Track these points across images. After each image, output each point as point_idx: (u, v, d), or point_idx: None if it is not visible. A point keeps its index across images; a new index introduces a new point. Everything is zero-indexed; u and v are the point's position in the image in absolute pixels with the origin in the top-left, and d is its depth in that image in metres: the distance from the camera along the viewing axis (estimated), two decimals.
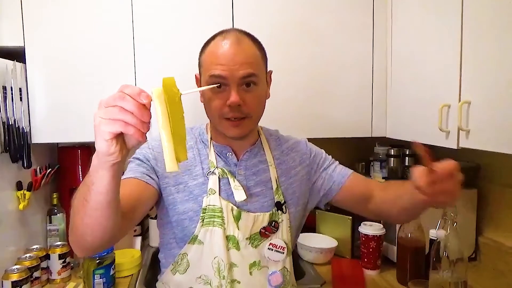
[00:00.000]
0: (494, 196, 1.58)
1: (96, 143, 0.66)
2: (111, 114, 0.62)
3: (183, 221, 1.01)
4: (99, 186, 0.70)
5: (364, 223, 1.55)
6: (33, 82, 1.48)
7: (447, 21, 1.26)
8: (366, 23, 1.64)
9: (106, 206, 0.72)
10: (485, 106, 1.11)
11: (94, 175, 0.70)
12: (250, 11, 1.55)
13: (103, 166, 0.68)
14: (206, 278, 0.98)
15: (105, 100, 0.63)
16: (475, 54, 1.15)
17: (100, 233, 0.76)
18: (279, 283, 1.02)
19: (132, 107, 0.61)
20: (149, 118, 0.63)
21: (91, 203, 0.72)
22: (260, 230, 1.02)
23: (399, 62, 1.59)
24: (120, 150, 0.66)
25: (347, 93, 1.65)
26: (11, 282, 1.23)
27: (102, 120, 0.63)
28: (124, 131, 0.63)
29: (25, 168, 1.42)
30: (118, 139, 0.66)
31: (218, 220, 0.99)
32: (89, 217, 0.74)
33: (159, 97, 0.63)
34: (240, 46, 0.95)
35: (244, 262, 1.00)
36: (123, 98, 0.62)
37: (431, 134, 1.34)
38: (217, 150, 1.06)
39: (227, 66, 0.93)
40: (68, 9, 1.48)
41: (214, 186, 1.01)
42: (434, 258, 1.20)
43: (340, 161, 1.29)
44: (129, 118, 0.62)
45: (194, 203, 1.00)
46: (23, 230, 1.48)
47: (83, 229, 0.76)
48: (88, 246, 0.80)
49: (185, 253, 1.01)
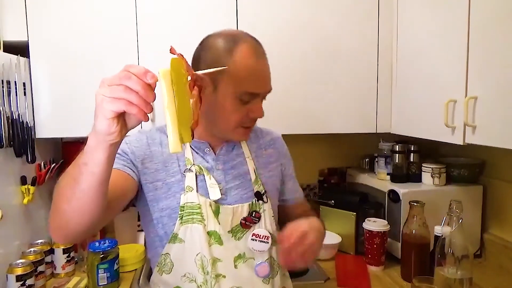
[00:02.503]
0: (500, 193, 1.57)
1: (96, 122, 0.64)
2: (115, 92, 0.61)
3: (163, 218, 1.00)
4: (93, 166, 0.68)
5: (368, 219, 1.55)
6: (37, 77, 1.48)
7: (454, 15, 1.24)
8: (371, 18, 1.63)
9: (97, 188, 0.71)
10: (492, 102, 1.10)
11: (88, 155, 0.68)
12: (254, 5, 1.54)
13: (101, 146, 0.66)
14: (191, 276, 0.97)
15: (109, 78, 0.62)
16: (482, 48, 1.14)
17: (85, 218, 0.75)
18: (266, 273, 1.01)
19: (137, 86, 0.60)
20: (153, 98, 0.62)
21: (82, 185, 0.70)
22: (240, 222, 1.02)
23: (404, 57, 1.58)
24: (120, 130, 0.65)
25: (352, 89, 1.64)
26: (16, 276, 1.24)
27: (105, 98, 0.62)
28: (127, 111, 0.62)
29: (29, 162, 1.42)
30: (119, 118, 0.65)
31: (198, 217, 0.98)
32: (77, 200, 0.72)
33: (165, 77, 0.62)
34: (266, 61, 0.99)
35: (228, 256, 1.00)
36: (128, 77, 0.61)
37: (436, 130, 1.33)
38: (195, 146, 1.05)
39: (263, 83, 0.97)
40: (71, 4, 1.47)
41: (191, 183, 1.00)
42: (439, 254, 1.20)
43: (345, 156, 1.29)
44: (134, 97, 0.61)
45: (172, 200, 1.00)
46: (28, 224, 1.48)
47: (68, 213, 0.75)
48: (71, 232, 0.78)
49: (167, 253, 1.00)
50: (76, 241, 0.80)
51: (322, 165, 2.02)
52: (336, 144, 2.03)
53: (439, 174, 1.58)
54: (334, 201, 1.71)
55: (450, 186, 1.61)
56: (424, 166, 1.63)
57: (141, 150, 1.01)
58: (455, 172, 1.64)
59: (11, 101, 1.34)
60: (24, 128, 1.40)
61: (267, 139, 1.17)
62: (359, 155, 1.98)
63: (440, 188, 1.59)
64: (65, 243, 0.84)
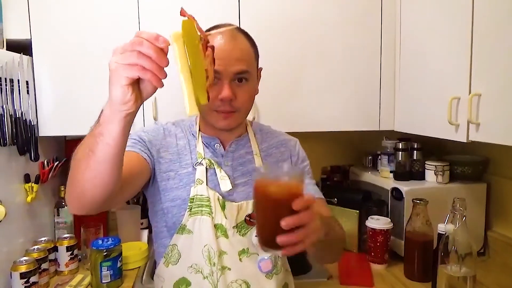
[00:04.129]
0: (504, 190, 1.56)
1: (111, 91, 0.65)
2: (129, 58, 0.61)
3: (172, 208, 1.03)
4: (108, 137, 0.69)
5: (372, 217, 1.55)
6: (40, 75, 1.48)
7: (457, 11, 1.24)
8: (374, 15, 1.62)
9: (112, 159, 0.72)
10: (496, 99, 1.10)
11: (104, 125, 0.69)
12: (256, 1, 1.54)
13: (116, 117, 0.67)
14: (197, 267, 0.99)
15: (122, 46, 0.62)
16: (486, 45, 1.13)
17: (101, 189, 0.75)
18: (269, 269, 1.02)
19: (150, 51, 0.61)
20: (166, 63, 0.63)
21: (97, 155, 0.71)
22: (245, 218, 1.03)
23: (407, 54, 1.57)
24: (135, 99, 0.66)
25: (355, 86, 1.64)
26: (20, 274, 1.24)
27: (118, 65, 0.62)
28: (141, 76, 0.62)
29: (33, 161, 1.43)
30: (134, 87, 0.65)
31: (206, 209, 1.00)
32: (92, 171, 0.73)
33: (177, 40, 0.62)
34: (235, 43, 0.97)
35: (233, 249, 1.01)
36: (140, 43, 0.61)
37: (440, 127, 1.32)
38: (205, 141, 1.07)
39: (222, 61, 0.94)
40: (74, 2, 1.48)
41: (201, 176, 1.02)
42: (443, 252, 1.19)
43: (348, 154, 1.28)
44: (147, 63, 0.61)
45: (183, 191, 1.02)
46: (31, 222, 1.49)
47: (84, 183, 0.75)
48: (87, 203, 0.79)
49: (174, 244, 1.02)
50: (91, 212, 0.82)
51: (325, 163, 2.02)
52: (339, 142, 2.03)
53: (442, 171, 1.58)
54: (337, 199, 1.71)
55: (454, 183, 1.60)
56: (428, 164, 1.62)
57: (158, 140, 1.05)
58: (458, 169, 1.63)
59: (14, 99, 1.35)
60: (27, 126, 1.40)
61: (280, 139, 1.17)
62: (362, 152, 1.98)
63: (443, 185, 1.58)
64: (81, 213, 0.85)
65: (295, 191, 0.68)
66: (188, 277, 1.00)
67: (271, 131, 1.19)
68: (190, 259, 1.00)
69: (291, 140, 1.19)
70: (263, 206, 0.69)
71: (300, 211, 0.67)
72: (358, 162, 2.02)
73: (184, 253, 1.01)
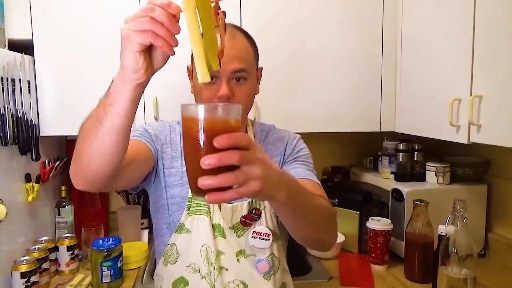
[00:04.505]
0: (505, 192, 1.56)
1: (122, 59, 0.65)
2: (141, 25, 0.61)
3: (172, 205, 1.03)
4: (118, 107, 0.68)
5: (372, 218, 1.54)
6: (42, 75, 1.48)
7: (459, 13, 1.24)
8: (375, 15, 1.62)
9: (119, 131, 0.71)
10: (497, 100, 1.09)
11: (114, 95, 0.69)
12: (257, 3, 1.54)
13: (126, 87, 0.67)
14: (195, 266, 0.99)
15: (134, 13, 0.63)
16: (488, 46, 1.13)
17: (106, 161, 0.75)
18: (266, 270, 1.02)
19: (162, 16, 0.61)
20: (178, 30, 0.63)
21: (105, 126, 0.71)
22: (240, 219, 1.03)
23: (409, 55, 1.57)
24: (146, 68, 0.65)
25: (356, 86, 1.63)
26: (20, 273, 1.25)
27: (130, 32, 0.62)
28: (153, 43, 0.62)
29: (34, 160, 1.43)
30: (146, 55, 0.65)
31: (205, 209, 1.00)
32: (99, 142, 0.73)
33: (189, 6, 0.61)
34: (233, 41, 0.97)
35: (231, 250, 1.01)
36: (152, 9, 0.61)
37: (441, 129, 1.32)
38: None
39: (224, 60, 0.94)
40: (76, 2, 1.48)
41: None
42: (443, 254, 1.19)
43: (349, 155, 1.27)
44: (159, 28, 0.61)
45: (182, 189, 1.02)
46: (32, 222, 1.49)
47: (90, 154, 0.75)
48: (91, 176, 0.78)
49: (173, 244, 1.02)
50: (93, 188, 0.81)
51: (325, 164, 2.02)
52: (339, 143, 2.03)
53: (443, 173, 1.58)
54: (338, 200, 1.71)
55: (455, 185, 1.60)
56: (428, 165, 1.62)
57: (163, 135, 1.06)
58: (459, 171, 1.63)
59: (15, 99, 1.35)
60: (28, 126, 1.40)
61: (278, 135, 1.15)
62: (363, 153, 1.98)
63: (444, 187, 1.58)
64: (84, 188, 0.84)
65: (221, 126, 0.57)
66: (186, 277, 1.00)
67: (271, 129, 1.17)
68: (189, 259, 1.00)
69: (290, 136, 1.15)
70: (186, 146, 0.61)
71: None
72: (359, 163, 2.02)
73: (182, 252, 1.01)
